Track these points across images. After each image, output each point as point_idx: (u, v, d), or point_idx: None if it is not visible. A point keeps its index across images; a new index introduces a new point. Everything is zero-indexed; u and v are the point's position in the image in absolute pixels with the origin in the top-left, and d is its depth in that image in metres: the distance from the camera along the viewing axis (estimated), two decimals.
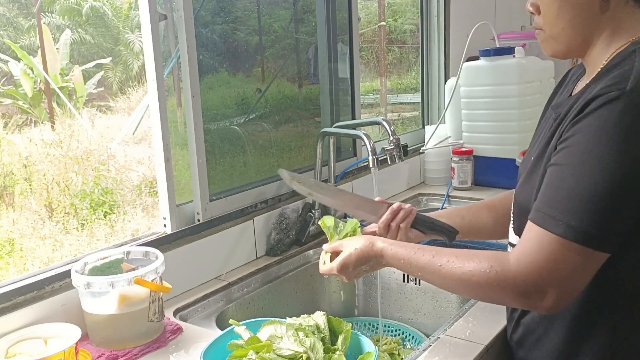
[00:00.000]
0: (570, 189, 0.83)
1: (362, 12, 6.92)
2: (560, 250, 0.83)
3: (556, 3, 0.94)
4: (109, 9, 13.91)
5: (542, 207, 0.86)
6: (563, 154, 0.86)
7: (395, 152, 1.63)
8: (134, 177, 6.56)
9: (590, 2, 0.92)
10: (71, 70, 10.61)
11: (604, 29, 0.94)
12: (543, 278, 0.84)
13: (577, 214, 0.81)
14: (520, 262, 0.86)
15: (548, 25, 0.97)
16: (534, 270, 0.85)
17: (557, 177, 0.86)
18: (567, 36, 0.95)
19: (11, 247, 4.88)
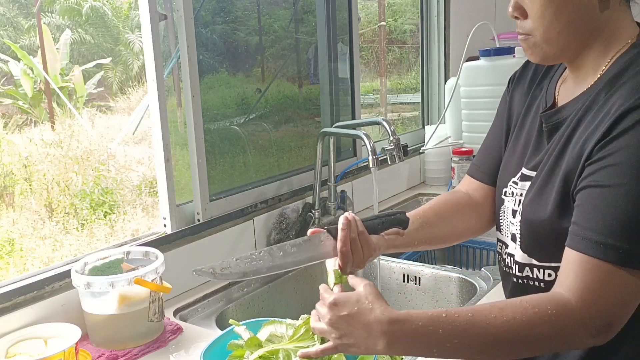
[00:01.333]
0: (625, 212, 0.77)
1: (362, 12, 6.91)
2: (628, 281, 0.77)
3: (553, 5, 0.87)
4: (109, 9, 13.91)
5: (593, 235, 0.79)
6: (605, 174, 0.80)
7: (395, 152, 1.63)
8: (134, 177, 6.56)
9: (590, 2, 0.87)
10: (71, 70, 10.61)
11: (603, 30, 0.89)
12: (615, 314, 0.78)
13: (628, 239, 0.76)
14: (586, 301, 0.78)
15: (541, 29, 0.90)
16: (604, 307, 0.78)
17: (604, 200, 0.79)
18: (564, 40, 0.89)
19: (11, 247, 4.88)
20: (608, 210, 0.78)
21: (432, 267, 1.65)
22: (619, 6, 0.89)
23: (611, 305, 0.78)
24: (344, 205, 1.92)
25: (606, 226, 0.77)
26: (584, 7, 0.87)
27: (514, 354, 0.81)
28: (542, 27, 0.89)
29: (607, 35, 0.89)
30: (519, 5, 0.91)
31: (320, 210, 1.81)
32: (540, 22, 0.89)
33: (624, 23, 0.90)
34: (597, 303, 0.78)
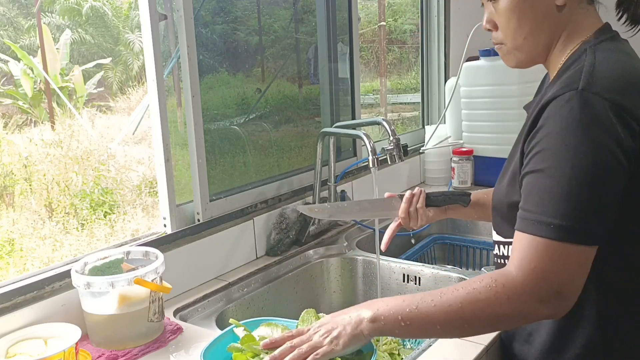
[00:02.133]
0: (551, 191, 0.84)
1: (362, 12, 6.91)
2: (559, 252, 0.83)
3: (515, 15, 0.96)
4: (109, 9, 13.92)
5: (528, 215, 0.86)
6: (535, 160, 0.87)
7: (395, 152, 1.63)
8: (134, 177, 6.56)
9: (547, 7, 0.95)
10: (71, 70, 10.62)
11: (561, 31, 0.97)
12: (561, 282, 0.83)
13: (563, 214, 0.83)
14: (524, 269, 0.84)
15: (510, 38, 0.99)
16: (540, 275, 0.83)
17: (535, 183, 0.87)
18: (531, 45, 0.99)
19: (11, 247, 4.88)
20: (540, 191, 0.85)
21: (432, 267, 1.65)
22: (578, 7, 0.96)
23: (553, 273, 0.83)
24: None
25: (539, 205, 0.85)
26: (543, 12, 0.96)
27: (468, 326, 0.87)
28: (510, 36, 0.99)
29: (565, 35, 0.98)
30: (490, 19, 1.02)
31: None
32: (507, 32, 0.99)
33: (584, 22, 0.97)
34: (537, 272, 0.83)
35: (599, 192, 0.83)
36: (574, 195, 0.82)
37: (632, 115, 0.85)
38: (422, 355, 1.12)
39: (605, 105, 0.83)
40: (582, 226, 0.82)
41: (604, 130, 0.83)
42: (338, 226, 1.92)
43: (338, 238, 1.85)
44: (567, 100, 0.85)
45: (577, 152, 0.83)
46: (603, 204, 0.84)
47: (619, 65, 0.91)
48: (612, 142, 0.83)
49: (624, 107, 0.84)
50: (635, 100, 0.86)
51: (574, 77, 0.88)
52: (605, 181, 0.83)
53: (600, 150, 0.82)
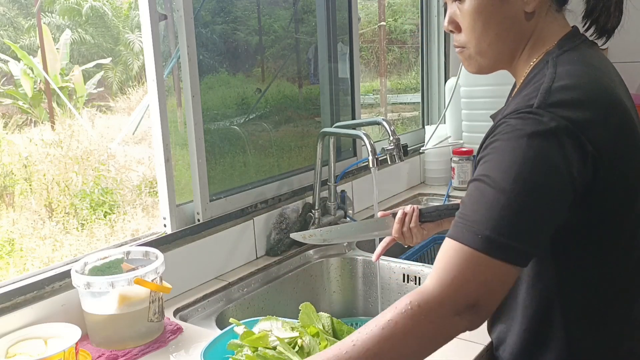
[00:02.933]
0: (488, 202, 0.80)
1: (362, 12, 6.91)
2: (482, 264, 0.78)
3: (481, 18, 0.92)
4: (109, 9, 13.91)
5: (461, 222, 0.82)
6: (480, 169, 0.84)
7: (395, 152, 1.63)
8: (134, 177, 6.56)
9: (516, 13, 0.91)
10: (71, 70, 10.61)
11: (528, 38, 0.94)
12: (477, 295, 0.78)
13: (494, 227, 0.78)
14: (442, 280, 0.79)
15: (473, 42, 0.95)
16: (458, 285, 0.78)
17: (475, 192, 0.83)
18: (495, 51, 0.95)
19: (11, 247, 4.88)
20: (477, 200, 0.81)
21: (432, 267, 1.65)
22: (546, 15, 0.93)
23: (472, 285, 0.78)
24: (344, 205, 1.92)
25: (474, 214, 0.80)
26: (510, 18, 0.91)
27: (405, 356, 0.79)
28: (473, 40, 0.94)
29: (531, 44, 0.94)
30: (452, 20, 0.97)
31: (320, 210, 1.81)
32: (471, 35, 0.94)
33: (550, 30, 0.93)
34: (454, 283, 0.78)
35: (537, 212, 0.79)
36: (510, 210, 0.78)
37: (587, 136, 0.81)
38: None
39: (558, 124, 0.80)
40: (512, 243, 0.78)
41: (555, 149, 0.79)
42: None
43: None
44: (522, 116, 0.82)
45: (522, 167, 0.79)
46: (538, 224, 0.80)
47: (579, 79, 0.86)
48: (562, 163, 0.80)
49: (578, 126, 0.81)
50: (593, 117, 0.82)
51: (531, 94, 0.85)
52: (545, 201, 0.80)
53: (548, 169, 0.79)
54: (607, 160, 0.83)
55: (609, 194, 0.85)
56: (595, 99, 0.85)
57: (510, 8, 0.91)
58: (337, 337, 1.05)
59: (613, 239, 0.90)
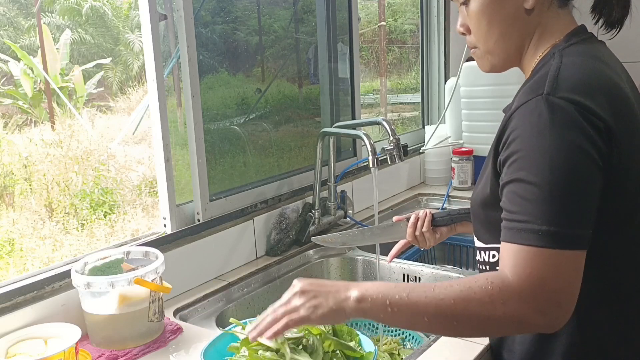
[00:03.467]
0: (533, 198, 0.81)
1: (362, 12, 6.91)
2: (552, 259, 0.80)
3: (485, 18, 0.96)
4: (109, 9, 13.91)
5: (513, 224, 0.83)
6: (513, 169, 0.85)
7: (395, 152, 1.63)
8: (134, 177, 6.56)
9: (516, 11, 0.95)
10: (71, 70, 10.61)
11: (532, 34, 0.97)
12: (550, 289, 0.80)
13: (549, 220, 0.80)
14: (520, 276, 0.80)
15: (482, 42, 1.00)
16: (538, 282, 0.80)
17: (516, 192, 0.84)
18: (502, 48, 0.99)
19: (11, 247, 4.88)
20: (522, 199, 0.82)
21: (432, 267, 1.65)
22: (548, 9, 0.96)
23: (550, 281, 0.79)
24: (344, 205, 1.92)
25: (524, 213, 0.82)
26: (512, 16, 0.95)
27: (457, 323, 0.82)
28: (481, 40, 1.00)
29: (536, 38, 0.97)
30: (463, 23, 1.02)
31: (320, 210, 1.81)
32: (478, 36, 0.99)
33: (555, 26, 0.96)
34: (533, 280, 0.79)
35: (580, 194, 0.81)
36: (556, 199, 0.80)
37: (597, 116, 0.84)
38: (422, 355, 1.12)
39: (571, 107, 0.83)
40: (569, 231, 0.80)
41: (576, 131, 0.82)
42: (338, 226, 1.92)
43: None
44: (534, 106, 0.84)
45: (553, 156, 0.81)
46: (586, 205, 0.82)
47: (584, 68, 0.89)
48: (586, 142, 0.82)
49: (588, 108, 0.83)
50: (599, 102, 0.85)
51: (539, 82, 0.88)
52: (584, 182, 0.82)
53: (576, 151, 0.81)
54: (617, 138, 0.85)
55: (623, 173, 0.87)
56: (599, 86, 0.87)
57: (510, 6, 0.95)
58: (338, 337, 1.05)
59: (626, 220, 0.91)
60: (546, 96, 0.84)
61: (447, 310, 0.81)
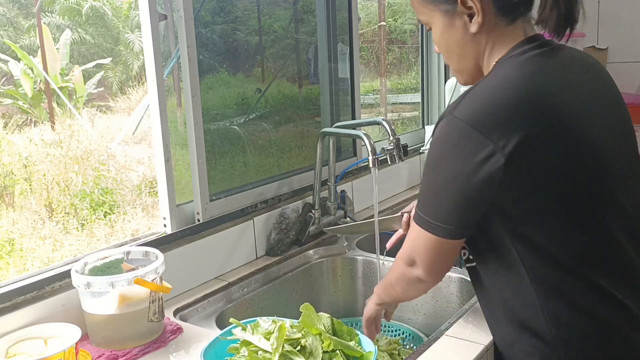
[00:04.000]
0: (422, 190, 1.04)
1: (362, 12, 6.92)
2: (418, 234, 1.04)
3: (443, 43, 1.07)
4: (109, 9, 13.91)
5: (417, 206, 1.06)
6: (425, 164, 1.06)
7: (395, 152, 1.63)
8: (134, 177, 6.56)
9: (465, 35, 1.03)
10: (71, 70, 10.61)
11: (484, 53, 1.05)
12: (410, 252, 1.07)
13: (425, 209, 1.02)
14: (404, 243, 1.11)
15: (448, 62, 1.12)
16: (405, 246, 1.10)
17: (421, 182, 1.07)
18: (463, 67, 1.09)
19: (11, 247, 4.88)
20: (420, 190, 1.05)
21: None
22: (494, 29, 1.02)
23: (408, 246, 1.09)
24: (344, 205, 1.92)
25: (418, 200, 1.05)
26: (462, 39, 1.04)
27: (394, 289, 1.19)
28: (447, 61, 1.11)
29: (487, 56, 1.05)
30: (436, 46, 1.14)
31: (320, 210, 1.81)
32: (445, 57, 1.11)
33: (504, 41, 1.02)
34: (407, 245, 1.10)
35: (448, 198, 0.98)
36: (430, 197, 1.02)
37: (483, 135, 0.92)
38: (422, 355, 1.12)
39: (461, 127, 0.94)
40: (431, 220, 1.00)
41: (457, 148, 0.95)
42: (338, 226, 1.92)
43: (338, 238, 1.85)
44: (440, 120, 0.99)
45: (437, 165, 1.00)
46: (453, 207, 0.98)
47: (496, 85, 0.97)
48: (464, 158, 0.94)
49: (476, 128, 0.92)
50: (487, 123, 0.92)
51: (457, 99, 0.99)
52: (458, 189, 0.96)
53: (453, 165, 0.96)
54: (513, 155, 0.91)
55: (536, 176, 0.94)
56: (502, 102, 0.94)
57: (459, 32, 1.04)
58: (338, 337, 1.05)
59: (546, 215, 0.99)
60: (448, 114, 0.97)
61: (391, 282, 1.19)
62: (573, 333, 0.99)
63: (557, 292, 0.98)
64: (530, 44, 1.01)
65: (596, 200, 0.98)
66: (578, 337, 0.99)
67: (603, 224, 0.98)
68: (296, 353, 0.98)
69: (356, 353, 1.03)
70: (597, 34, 3.55)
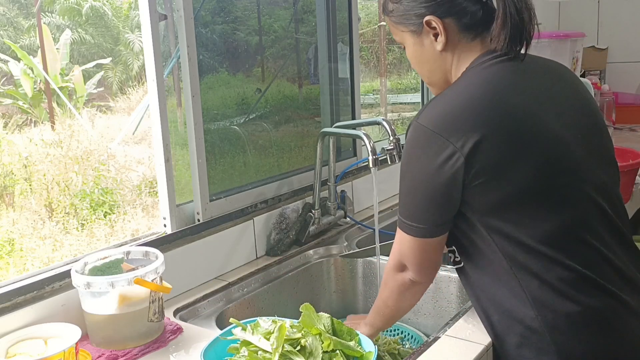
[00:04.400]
0: (399, 194, 1.11)
1: (362, 12, 6.91)
2: (401, 238, 1.12)
3: (415, 61, 1.18)
4: (109, 9, 13.91)
5: None
6: None
7: (395, 152, 1.63)
8: (134, 177, 6.56)
9: (433, 53, 1.12)
10: (71, 70, 10.61)
11: (451, 66, 1.13)
12: (399, 257, 1.15)
13: (403, 213, 1.10)
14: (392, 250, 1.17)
15: (421, 76, 1.22)
16: (392, 253, 1.17)
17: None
18: (433, 80, 1.18)
19: (11, 247, 4.88)
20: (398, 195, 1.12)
21: None
22: (458, 45, 1.11)
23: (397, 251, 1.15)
24: (344, 205, 1.92)
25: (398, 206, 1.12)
26: (431, 56, 1.13)
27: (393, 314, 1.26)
28: (421, 75, 1.22)
29: (454, 70, 1.13)
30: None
31: (320, 210, 1.81)
32: (418, 72, 1.21)
33: (467, 56, 1.11)
34: (393, 251, 1.16)
35: (420, 199, 1.07)
36: (404, 200, 1.10)
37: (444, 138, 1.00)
38: (422, 355, 1.12)
39: (424, 132, 1.03)
40: (409, 222, 1.08)
41: (423, 152, 1.03)
42: (338, 226, 1.92)
43: (338, 238, 1.85)
44: (409, 127, 1.07)
45: (407, 170, 1.08)
46: (425, 208, 1.06)
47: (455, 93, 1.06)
48: (429, 161, 1.02)
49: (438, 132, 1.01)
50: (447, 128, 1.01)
51: (421, 109, 1.08)
52: (426, 190, 1.05)
53: (420, 168, 1.05)
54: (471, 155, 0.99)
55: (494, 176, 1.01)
56: (460, 108, 1.02)
57: (427, 50, 1.13)
58: (338, 337, 1.05)
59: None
60: (414, 121, 1.06)
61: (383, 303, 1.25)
62: (559, 319, 1.02)
63: (538, 279, 1.02)
64: (490, 55, 1.08)
65: (558, 191, 1.03)
66: (564, 322, 1.02)
67: (569, 211, 1.03)
68: (296, 353, 0.98)
69: (356, 353, 1.03)
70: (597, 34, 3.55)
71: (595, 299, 1.02)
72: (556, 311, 1.02)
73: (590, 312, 1.01)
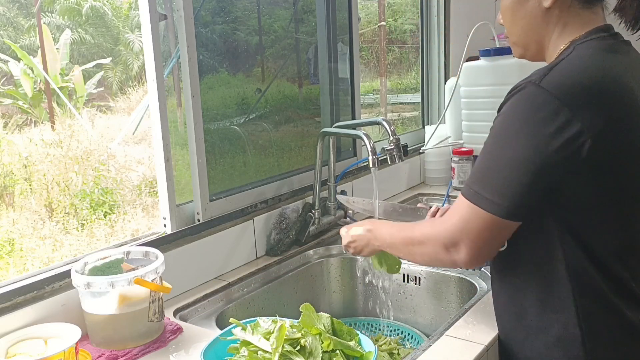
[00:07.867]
0: (483, 164, 0.98)
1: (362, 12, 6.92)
2: (470, 213, 0.97)
3: (510, 14, 1.08)
4: (109, 8, 13.91)
5: (467, 180, 1.01)
6: (487, 138, 1.00)
7: (395, 152, 1.63)
8: (134, 177, 6.56)
9: (536, 9, 1.03)
10: (71, 70, 10.61)
11: (552, 31, 1.04)
12: (456, 234, 0.99)
13: (484, 185, 0.96)
14: (445, 222, 1.02)
15: (509, 34, 1.12)
16: (450, 227, 1.00)
17: (479, 156, 1.00)
18: (523, 41, 1.09)
19: (11, 247, 4.88)
20: (478, 163, 1.00)
21: (432, 267, 1.65)
22: (568, 10, 1.02)
23: (456, 227, 1.00)
24: (344, 205, 1.92)
25: (473, 173, 1.00)
26: (532, 13, 1.04)
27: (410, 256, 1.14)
28: (509, 32, 1.12)
29: (556, 35, 1.04)
30: (500, 16, 1.15)
31: (320, 210, 1.81)
32: (507, 28, 1.12)
33: (576, 23, 1.03)
34: (447, 223, 1.02)
35: (516, 173, 0.93)
36: (492, 171, 0.96)
37: (574, 112, 0.89)
38: (422, 355, 1.12)
39: (547, 99, 0.91)
40: (490, 196, 0.95)
41: (538, 122, 0.91)
42: (338, 226, 1.92)
43: (338, 238, 1.84)
44: (520, 90, 0.95)
45: (508, 137, 0.94)
46: (526, 188, 0.93)
47: (584, 64, 0.96)
48: (544, 134, 0.90)
49: (567, 102, 0.90)
50: (581, 98, 0.91)
51: (540, 71, 0.95)
52: (526, 166, 0.92)
53: (529, 139, 0.91)
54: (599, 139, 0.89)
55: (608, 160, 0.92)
56: (593, 82, 0.93)
57: (531, 4, 1.04)
58: (338, 337, 1.05)
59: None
60: (533, 83, 0.93)
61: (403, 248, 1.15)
62: (603, 331, 1.00)
63: (591, 289, 0.99)
64: (608, 32, 1.02)
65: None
66: (607, 335, 1.00)
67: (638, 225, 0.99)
68: (296, 353, 0.98)
69: (356, 353, 1.03)
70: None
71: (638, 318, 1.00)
72: (602, 323, 1.00)
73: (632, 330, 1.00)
